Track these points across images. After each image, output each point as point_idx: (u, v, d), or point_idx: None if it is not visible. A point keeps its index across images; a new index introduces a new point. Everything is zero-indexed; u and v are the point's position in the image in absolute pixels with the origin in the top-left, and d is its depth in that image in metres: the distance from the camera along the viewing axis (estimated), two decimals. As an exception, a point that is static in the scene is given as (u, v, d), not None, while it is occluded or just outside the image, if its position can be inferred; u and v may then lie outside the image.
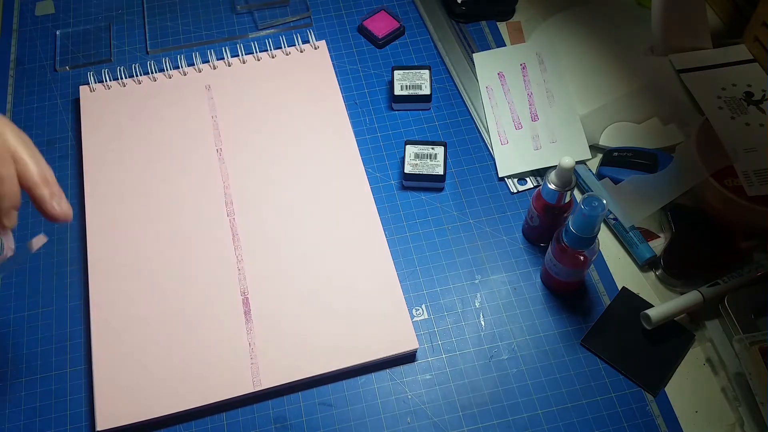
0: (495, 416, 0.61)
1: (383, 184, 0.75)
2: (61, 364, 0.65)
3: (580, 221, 0.58)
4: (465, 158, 0.76)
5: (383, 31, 0.85)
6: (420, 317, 0.67)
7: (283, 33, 0.87)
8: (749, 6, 0.81)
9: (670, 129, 0.76)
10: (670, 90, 0.78)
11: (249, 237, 0.70)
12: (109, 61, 0.85)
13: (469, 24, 0.87)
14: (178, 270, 0.68)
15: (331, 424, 0.61)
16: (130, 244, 0.70)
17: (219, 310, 0.66)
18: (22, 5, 0.90)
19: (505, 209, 0.73)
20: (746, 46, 0.80)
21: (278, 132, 0.77)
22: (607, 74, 0.81)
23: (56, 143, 0.78)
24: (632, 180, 0.71)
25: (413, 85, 0.79)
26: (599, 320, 0.66)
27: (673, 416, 0.61)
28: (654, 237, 0.70)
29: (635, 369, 0.63)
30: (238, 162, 0.75)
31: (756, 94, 0.75)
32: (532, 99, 0.79)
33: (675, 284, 0.67)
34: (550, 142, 0.76)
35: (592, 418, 0.61)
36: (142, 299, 0.66)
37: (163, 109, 0.79)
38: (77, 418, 0.62)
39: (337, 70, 0.83)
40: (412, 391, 0.63)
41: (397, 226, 0.72)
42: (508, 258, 0.70)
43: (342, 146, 0.76)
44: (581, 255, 0.61)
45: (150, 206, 0.72)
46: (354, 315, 0.65)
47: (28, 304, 0.68)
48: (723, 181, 0.68)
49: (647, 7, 0.83)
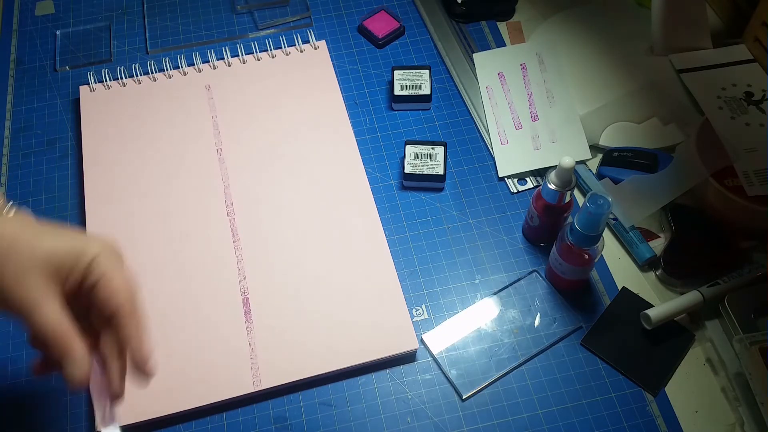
0: (495, 416, 0.61)
1: (383, 184, 0.75)
2: (61, 364, 0.65)
3: (586, 219, 0.58)
4: (465, 158, 0.76)
5: (383, 31, 0.85)
6: (420, 317, 0.67)
7: (283, 33, 0.87)
8: (749, 6, 0.81)
9: (670, 129, 0.76)
10: (670, 90, 0.78)
11: (249, 237, 0.70)
12: (109, 61, 0.85)
13: (469, 24, 0.87)
14: (178, 270, 0.68)
15: (331, 424, 0.61)
16: (130, 244, 0.69)
17: (219, 310, 0.66)
18: (22, 5, 0.90)
19: (505, 209, 0.73)
20: (746, 46, 0.80)
21: (278, 132, 0.77)
22: (607, 74, 0.81)
23: (56, 143, 0.78)
24: (632, 180, 0.71)
25: (413, 85, 0.79)
26: (599, 320, 0.66)
27: (673, 416, 0.61)
28: (654, 237, 0.70)
29: (635, 369, 0.63)
30: (238, 162, 0.75)
31: (756, 94, 0.75)
32: (532, 99, 0.79)
33: (675, 284, 0.67)
34: (550, 142, 0.76)
35: (592, 418, 0.61)
36: (142, 299, 0.66)
37: (163, 109, 0.79)
38: (77, 418, 0.62)
39: (337, 70, 0.83)
40: (412, 391, 0.63)
41: (397, 226, 0.72)
42: (508, 258, 0.70)
43: (342, 146, 0.76)
44: (586, 253, 0.61)
45: (150, 206, 0.72)
46: (354, 315, 0.65)
47: (28, 304, 0.68)
48: (723, 181, 0.68)
49: (647, 7, 0.83)
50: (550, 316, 0.66)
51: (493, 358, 0.64)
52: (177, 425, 0.62)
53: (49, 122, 0.80)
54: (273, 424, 0.62)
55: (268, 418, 0.62)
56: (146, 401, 0.61)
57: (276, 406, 0.62)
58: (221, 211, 0.71)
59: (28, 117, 0.81)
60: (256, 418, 0.62)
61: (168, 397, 0.61)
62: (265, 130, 0.77)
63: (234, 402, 0.62)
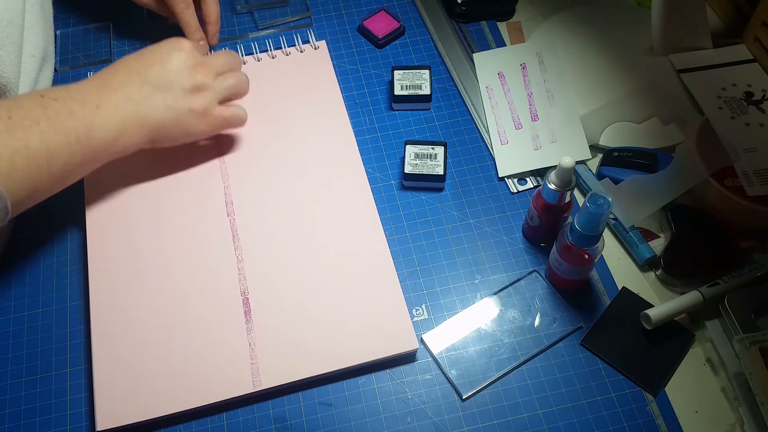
0: (495, 416, 0.61)
1: (383, 184, 0.75)
2: (61, 364, 0.65)
3: (586, 219, 0.58)
4: (465, 158, 0.76)
5: (383, 31, 0.85)
6: (420, 317, 0.67)
7: (283, 33, 0.87)
8: (749, 6, 0.81)
9: (670, 129, 0.76)
10: (670, 90, 0.78)
11: (249, 237, 0.70)
12: (109, 61, 0.85)
13: (469, 24, 0.87)
14: (178, 270, 0.68)
15: (331, 424, 0.61)
16: (130, 244, 0.70)
17: (219, 310, 0.66)
18: (22, 5, 0.90)
19: (505, 209, 0.73)
20: (746, 46, 0.80)
21: (278, 132, 0.77)
22: (607, 74, 0.81)
23: (56, 143, 0.78)
24: (632, 180, 0.71)
25: (413, 85, 0.79)
26: (599, 320, 0.66)
27: (673, 416, 0.61)
28: (654, 237, 0.70)
29: (635, 369, 0.63)
30: (238, 162, 0.75)
31: (756, 94, 0.75)
32: (532, 99, 0.79)
33: (675, 284, 0.67)
34: (550, 142, 0.76)
35: (592, 418, 0.61)
36: (142, 299, 0.66)
37: (163, 109, 0.79)
38: (77, 418, 0.62)
39: (337, 70, 0.83)
40: (412, 391, 0.63)
41: (397, 226, 0.72)
42: (508, 258, 0.70)
43: (342, 146, 0.76)
44: (586, 253, 0.61)
45: (150, 206, 0.72)
46: (354, 315, 0.65)
47: (28, 304, 0.68)
48: (723, 181, 0.68)
49: (647, 7, 0.83)
50: (550, 316, 0.66)
51: (493, 358, 0.64)
52: (177, 425, 0.62)
53: (49, 122, 0.80)
54: (273, 424, 0.62)
55: (268, 417, 0.62)
56: (146, 401, 0.61)
57: (276, 405, 0.62)
58: (221, 212, 0.71)
59: (28, 117, 0.80)
60: (256, 417, 0.62)
61: (168, 397, 0.61)
62: (265, 130, 0.77)
63: (234, 402, 0.62)
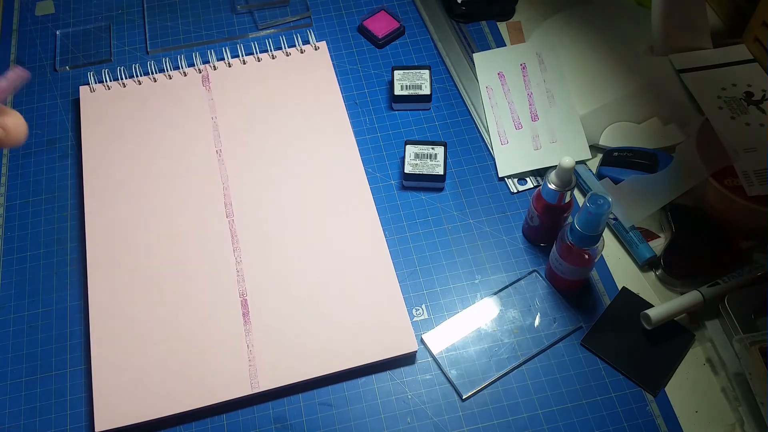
0: (495, 416, 0.61)
1: (383, 184, 0.75)
2: (61, 364, 0.65)
3: (586, 219, 0.58)
4: (465, 158, 0.76)
5: (383, 31, 0.85)
6: (420, 317, 0.67)
7: (283, 33, 0.87)
8: (749, 6, 0.81)
9: (670, 129, 0.76)
10: (670, 90, 0.78)
11: (248, 238, 0.70)
12: (109, 61, 0.85)
13: (469, 24, 0.87)
14: (177, 271, 0.68)
15: (331, 425, 0.61)
16: (129, 245, 0.70)
17: (218, 311, 0.66)
18: (22, 5, 0.90)
19: (505, 209, 0.73)
20: (746, 46, 0.80)
21: (278, 132, 0.77)
22: (607, 74, 0.81)
23: (56, 143, 0.78)
24: (632, 180, 0.71)
25: (413, 85, 0.79)
26: (599, 320, 0.66)
27: (673, 416, 0.61)
28: (654, 237, 0.70)
29: (635, 369, 0.63)
30: (237, 162, 0.75)
31: (756, 94, 0.75)
32: (532, 99, 0.79)
33: (675, 284, 0.67)
34: (550, 142, 0.76)
35: (592, 418, 0.61)
36: (141, 300, 0.66)
37: (163, 109, 0.79)
38: (77, 418, 0.62)
39: (337, 70, 0.83)
40: (412, 391, 0.63)
41: (397, 226, 0.72)
42: (508, 258, 0.70)
43: (342, 146, 0.76)
44: (586, 253, 0.61)
45: (149, 206, 0.72)
46: (353, 316, 0.65)
47: (28, 304, 0.68)
48: (723, 181, 0.68)
49: (647, 7, 0.83)
50: (550, 316, 0.66)
51: (493, 358, 0.64)
52: (177, 426, 0.62)
53: (49, 122, 0.80)
54: (273, 424, 0.62)
55: (268, 418, 0.62)
56: (146, 402, 0.61)
57: (276, 406, 0.62)
58: (220, 212, 0.71)
59: (28, 117, 0.80)
60: (256, 418, 0.62)
61: (167, 398, 0.61)
62: (265, 130, 0.77)
63: (233, 402, 0.62)
